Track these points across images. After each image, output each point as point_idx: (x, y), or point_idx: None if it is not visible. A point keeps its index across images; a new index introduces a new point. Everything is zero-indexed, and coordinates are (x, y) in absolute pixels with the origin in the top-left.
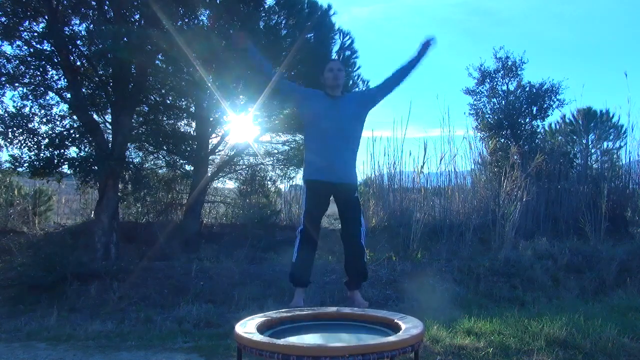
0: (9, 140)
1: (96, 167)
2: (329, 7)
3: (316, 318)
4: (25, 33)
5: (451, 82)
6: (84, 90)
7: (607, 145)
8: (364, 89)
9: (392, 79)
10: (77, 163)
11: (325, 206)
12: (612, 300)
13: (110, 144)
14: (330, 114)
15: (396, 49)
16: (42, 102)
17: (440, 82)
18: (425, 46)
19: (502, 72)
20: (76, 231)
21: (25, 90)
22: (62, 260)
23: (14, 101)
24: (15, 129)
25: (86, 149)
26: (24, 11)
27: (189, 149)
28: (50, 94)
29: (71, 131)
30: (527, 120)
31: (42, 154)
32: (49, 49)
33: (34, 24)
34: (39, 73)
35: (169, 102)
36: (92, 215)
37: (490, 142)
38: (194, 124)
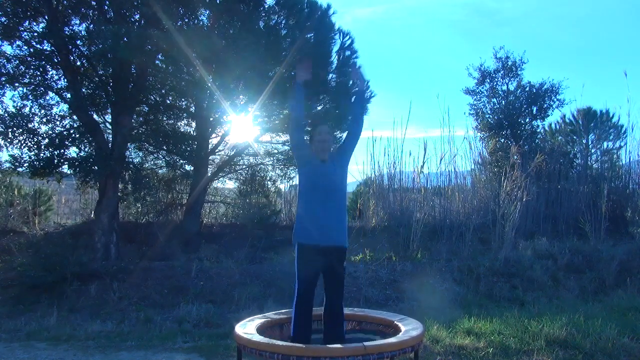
0: (9, 140)
1: (96, 167)
2: (329, 7)
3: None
4: (25, 33)
5: (451, 82)
6: (84, 90)
7: (607, 145)
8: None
9: (349, 123)
10: (77, 163)
11: (320, 270)
12: (612, 300)
13: (110, 144)
14: (322, 177)
15: (397, 49)
16: (42, 102)
17: (441, 82)
18: (355, 72)
19: (502, 72)
20: (76, 231)
21: (25, 90)
22: (62, 260)
23: (14, 101)
24: (15, 129)
25: (86, 149)
26: (24, 11)
27: (189, 149)
28: (50, 94)
29: (71, 131)
30: (527, 120)
31: (42, 154)
32: (49, 49)
33: (34, 24)
34: (39, 73)
35: (169, 102)
36: (92, 215)
37: (490, 142)
38: (194, 124)
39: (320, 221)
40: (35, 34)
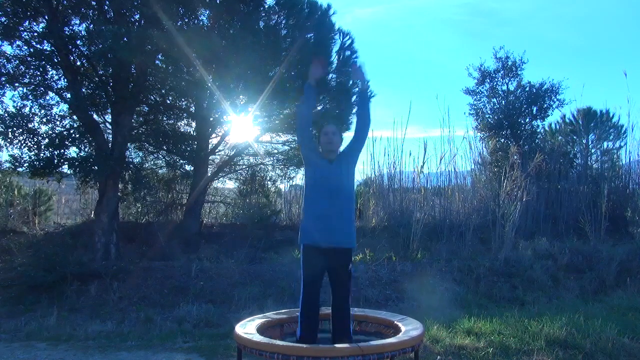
0: (9, 140)
1: (96, 167)
2: (329, 7)
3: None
4: (25, 33)
5: (451, 82)
6: (84, 90)
7: (607, 145)
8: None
9: (357, 122)
10: (77, 163)
11: (325, 271)
12: (612, 300)
13: (110, 144)
14: (328, 178)
15: (397, 49)
16: (42, 102)
17: (441, 82)
18: (356, 71)
19: (502, 72)
20: (76, 231)
21: (25, 90)
22: (62, 260)
23: (14, 101)
24: (15, 129)
25: (86, 149)
26: (24, 11)
27: (189, 149)
28: (50, 94)
29: (71, 131)
30: (527, 120)
31: (42, 154)
32: (49, 49)
33: (34, 24)
34: (39, 73)
35: (169, 102)
36: (92, 215)
37: (490, 142)
38: (194, 124)
39: (325, 222)
40: (35, 34)
